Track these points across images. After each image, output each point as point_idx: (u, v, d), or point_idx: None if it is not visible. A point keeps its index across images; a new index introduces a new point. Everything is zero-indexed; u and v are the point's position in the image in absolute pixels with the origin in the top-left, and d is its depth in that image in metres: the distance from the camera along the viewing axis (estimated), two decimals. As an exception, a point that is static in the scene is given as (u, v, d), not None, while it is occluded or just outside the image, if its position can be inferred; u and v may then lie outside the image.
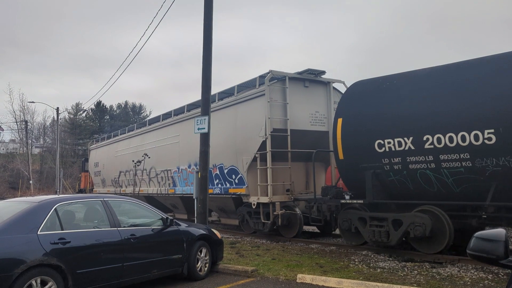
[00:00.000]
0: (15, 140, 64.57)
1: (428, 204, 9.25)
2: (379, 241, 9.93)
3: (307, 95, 13.31)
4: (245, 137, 13.22)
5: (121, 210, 7.35)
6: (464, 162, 8.43)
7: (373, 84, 10.74)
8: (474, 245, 2.48)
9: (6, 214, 6.08)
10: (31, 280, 5.57)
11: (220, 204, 14.79)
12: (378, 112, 9.95)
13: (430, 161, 8.89)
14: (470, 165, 8.34)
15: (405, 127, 9.28)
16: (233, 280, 7.97)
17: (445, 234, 8.94)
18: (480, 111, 8.19)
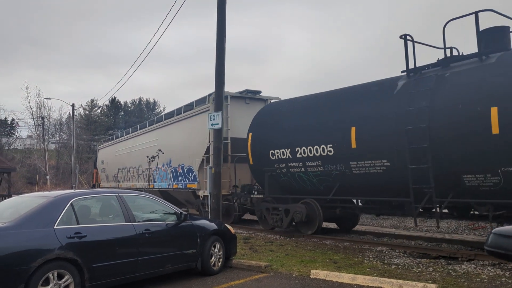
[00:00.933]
0: (32, 136, 65.49)
1: (309, 198, 12.58)
2: (276, 225, 13.16)
3: (248, 110, 16.12)
4: (197, 143, 16.62)
5: (135, 205, 7.41)
6: (319, 167, 11.83)
7: (276, 105, 14.72)
8: (492, 241, 2.44)
9: (23, 209, 6.18)
10: (48, 273, 5.65)
11: (185, 197, 18.09)
12: (272, 129, 13.44)
13: (301, 166, 12.35)
14: (323, 169, 11.75)
15: (285, 141, 12.74)
16: (246, 275, 7.98)
17: (316, 219, 12.31)
18: (325, 131, 11.65)
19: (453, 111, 8.95)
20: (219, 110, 11.31)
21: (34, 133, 63.00)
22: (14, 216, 6.01)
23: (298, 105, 13.16)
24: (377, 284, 6.90)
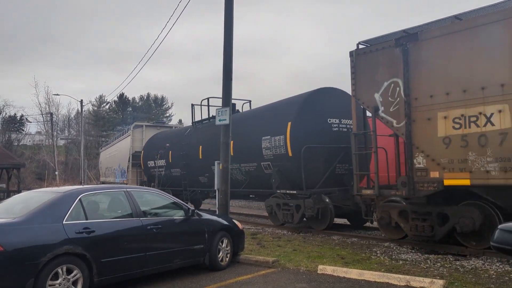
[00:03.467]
0: (41, 132, 65.98)
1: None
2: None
3: (169, 132, 23.34)
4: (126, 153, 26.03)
5: (143, 201, 7.45)
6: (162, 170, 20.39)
7: (157, 134, 23.67)
8: (498, 237, 2.43)
9: (33, 204, 6.24)
10: (57, 268, 5.71)
11: None
12: (151, 148, 21.76)
13: (162, 170, 20.47)
14: (164, 172, 20.38)
15: (154, 155, 20.86)
16: (254, 270, 8.01)
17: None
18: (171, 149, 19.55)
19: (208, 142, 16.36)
20: (227, 106, 11.31)
21: (43, 129, 63.49)
22: (23, 211, 6.07)
23: (163, 134, 22.41)
24: (384, 280, 6.89)
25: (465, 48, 8.51)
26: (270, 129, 13.08)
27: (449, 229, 9.11)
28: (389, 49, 9.78)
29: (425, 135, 9.03)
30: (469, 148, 8.33)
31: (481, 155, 8.18)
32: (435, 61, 8.96)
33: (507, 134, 7.84)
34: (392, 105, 9.70)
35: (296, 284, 6.97)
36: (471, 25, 8.48)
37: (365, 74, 10.34)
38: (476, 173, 8.24)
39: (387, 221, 10.15)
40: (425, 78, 9.08)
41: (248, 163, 14.07)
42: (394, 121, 9.69)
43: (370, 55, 10.24)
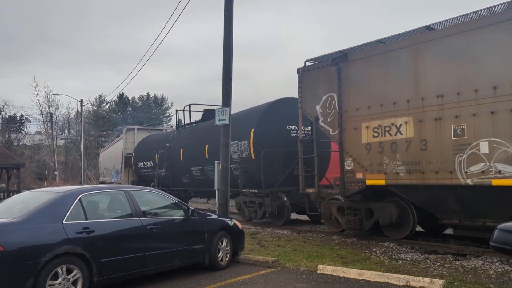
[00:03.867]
0: (41, 132, 65.98)
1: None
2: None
3: (156, 135, 24.56)
4: (119, 155, 27.47)
5: (143, 201, 7.45)
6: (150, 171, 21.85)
7: (148, 137, 24.80)
8: (497, 237, 2.42)
9: (32, 204, 6.23)
10: (57, 268, 5.71)
11: None
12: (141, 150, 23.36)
13: (149, 170, 22.30)
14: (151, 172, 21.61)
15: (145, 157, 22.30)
16: (254, 270, 8.01)
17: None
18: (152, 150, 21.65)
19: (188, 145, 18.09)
20: (227, 106, 11.31)
21: (43, 129, 63.48)
22: (23, 211, 6.06)
23: (151, 137, 23.75)
24: (384, 280, 6.90)
25: (381, 69, 9.97)
26: (237, 135, 14.10)
27: (374, 222, 10.64)
28: (327, 67, 11.15)
29: (352, 142, 10.51)
30: (384, 153, 9.83)
31: (393, 159, 9.67)
32: (360, 79, 10.41)
33: (411, 141, 9.33)
34: (329, 116, 11.11)
35: (296, 284, 6.97)
36: (385, 50, 9.97)
37: (309, 88, 11.71)
38: (389, 174, 9.72)
39: (329, 216, 11.70)
40: (352, 93, 10.55)
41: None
42: (330, 129, 11.09)
43: (313, 72, 11.62)
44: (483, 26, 8.32)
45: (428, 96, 9.06)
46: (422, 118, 9.15)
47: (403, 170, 9.45)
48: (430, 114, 9.02)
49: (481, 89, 8.27)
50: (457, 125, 8.64)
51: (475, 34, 8.40)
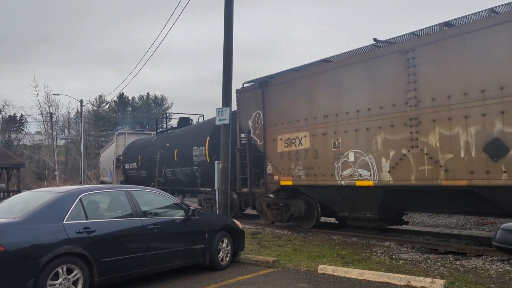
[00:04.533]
0: (40, 132, 65.93)
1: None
2: None
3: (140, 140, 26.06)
4: (111, 157, 30.71)
5: (144, 201, 7.44)
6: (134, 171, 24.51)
7: (135, 140, 26.70)
8: (500, 237, 2.41)
9: (33, 204, 6.22)
10: (58, 268, 5.70)
11: None
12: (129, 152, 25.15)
13: (135, 171, 24.17)
14: (136, 173, 24.35)
15: (131, 159, 24.04)
16: (254, 270, 8.01)
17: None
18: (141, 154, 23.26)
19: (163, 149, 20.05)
20: (227, 106, 11.31)
21: (42, 129, 63.45)
22: (23, 211, 6.06)
23: (138, 142, 25.38)
24: (384, 280, 6.89)
25: (290, 93, 12.30)
26: (197, 142, 16.86)
27: (290, 215, 13.02)
28: (255, 90, 13.55)
29: (271, 150, 12.98)
30: (291, 160, 12.27)
31: (297, 165, 12.08)
32: (276, 101, 12.82)
33: (308, 151, 11.74)
34: (257, 129, 13.52)
35: (297, 284, 6.96)
36: (293, 78, 12.28)
37: (243, 106, 14.14)
38: (295, 177, 12.17)
39: (261, 210, 13.99)
40: (272, 111, 12.99)
41: (186, 167, 17.92)
42: (258, 140, 13.47)
43: (246, 93, 14.04)
44: (348, 65, 10.86)
45: (318, 116, 11.43)
46: (314, 133, 11.57)
47: (303, 174, 11.90)
48: (320, 130, 11.42)
49: (349, 111, 10.64)
50: (336, 139, 11.07)
51: (345, 70, 10.86)
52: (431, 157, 9.11)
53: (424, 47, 9.28)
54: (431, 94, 9.08)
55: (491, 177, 8.17)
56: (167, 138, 20.27)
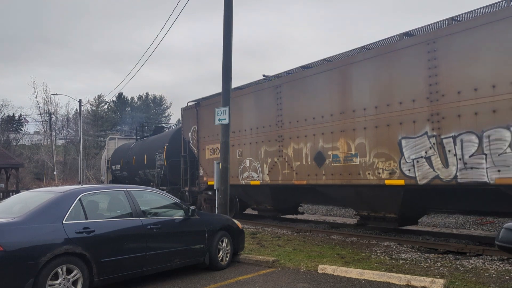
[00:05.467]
0: (39, 132, 65.74)
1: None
2: None
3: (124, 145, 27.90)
4: (104, 160, 31.92)
5: (143, 200, 7.42)
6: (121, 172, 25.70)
7: (121, 146, 28.16)
8: (503, 236, 2.40)
9: (32, 204, 6.21)
10: (57, 268, 5.69)
11: None
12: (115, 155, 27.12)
13: (120, 171, 25.38)
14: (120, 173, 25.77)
15: (117, 160, 25.74)
16: (254, 270, 7.99)
17: None
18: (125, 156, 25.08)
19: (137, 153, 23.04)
20: (227, 106, 11.28)
21: (41, 129, 63.27)
22: (23, 211, 6.04)
23: (123, 146, 27.16)
24: (385, 279, 6.88)
25: (212, 112, 12.92)
26: (158, 148, 19.91)
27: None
28: (193, 108, 17.05)
29: (202, 157, 16.43)
30: (214, 165, 13.15)
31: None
32: (205, 118, 16.12)
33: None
34: (194, 140, 16.93)
35: (297, 283, 6.95)
36: (213, 101, 15.25)
37: (186, 121, 17.65)
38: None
39: (200, 205, 16.38)
40: (202, 126, 16.42)
41: (152, 169, 20.65)
42: (195, 149, 16.91)
43: (187, 111, 17.58)
44: (245, 94, 14.13)
45: (230, 131, 13.17)
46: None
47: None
48: (231, 142, 13.08)
49: (246, 129, 14.03)
50: (239, 149, 14.40)
51: (244, 97, 14.15)
52: (289, 164, 12.51)
53: (286, 84, 12.61)
54: (289, 119, 12.42)
55: (318, 178, 11.60)
56: (141, 144, 23.43)
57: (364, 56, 10.53)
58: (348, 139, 10.72)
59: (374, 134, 10.15)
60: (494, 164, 8.05)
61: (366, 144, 10.32)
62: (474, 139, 8.35)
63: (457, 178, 8.62)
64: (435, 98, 8.95)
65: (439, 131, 8.90)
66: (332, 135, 11.12)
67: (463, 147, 8.55)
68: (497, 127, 8.01)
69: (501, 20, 8.02)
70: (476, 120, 8.32)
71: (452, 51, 8.73)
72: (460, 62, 8.60)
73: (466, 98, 8.45)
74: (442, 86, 8.84)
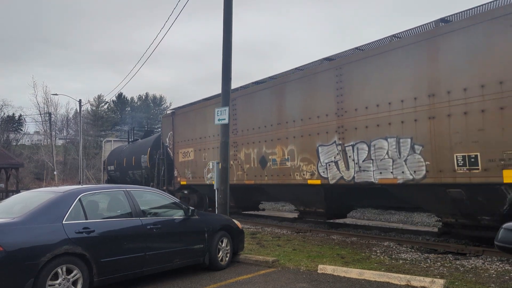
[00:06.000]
0: (39, 132, 65.71)
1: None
2: None
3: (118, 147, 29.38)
4: (102, 160, 33.46)
5: (143, 200, 7.43)
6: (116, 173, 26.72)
7: (116, 148, 29.31)
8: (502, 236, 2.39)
9: (32, 204, 6.21)
10: (57, 268, 5.69)
11: None
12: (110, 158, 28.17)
13: (115, 172, 26.55)
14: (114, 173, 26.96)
15: (112, 162, 26.96)
16: (254, 270, 8.00)
17: None
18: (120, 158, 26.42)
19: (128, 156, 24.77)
20: (226, 106, 11.29)
21: (41, 129, 63.25)
22: (23, 211, 6.04)
23: (117, 149, 28.40)
24: (384, 279, 6.88)
25: (184, 121, 17.94)
26: (143, 151, 22.18)
27: (191, 205, 15.91)
28: (170, 116, 19.22)
29: (176, 160, 18.46)
30: (185, 167, 17.73)
31: (188, 170, 17.52)
32: (179, 125, 18.35)
33: (193, 161, 17.18)
34: (170, 145, 18.97)
35: (296, 283, 6.95)
36: (185, 111, 18.07)
37: (164, 127, 19.78)
38: (187, 179, 17.60)
39: None
40: (177, 132, 18.48)
41: (139, 170, 22.77)
42: (171, 152, 18.89)
43: (166, 118, 19.90)
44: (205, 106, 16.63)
45: (196, 137, 16.94)
46: (195, 149, 17.02)
47: (191, 176, 17.31)
48: (198, 147, 16.82)
49: (210, 136, 16.04)
50: (204, 153, 16.49)
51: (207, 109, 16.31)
52: (242, 166, 14.54)
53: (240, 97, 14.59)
54: (242, 128, 14.49)
55: (262, 179, 13.69)
56: (132, 147, 25.56)
57: (294, 76, 12.53)
58: (283, 146, 12.83)
59: (301, 142, 12.19)
60: (378, 167, 10.04)
61: (295, 150, 12.37)
62: (365, 147, 10.33)
63: (354, 178, 10.60)
64: (341, 114, 10.92)
65: (343, 140, 10.91)
66: (272, 142, 13.26)
67: (358, 154, 10.53)
68: (380, 138, 9.98)
69: (382, 53, 10.01)
70: (366, 132, 10.31)
71: (351, 77, 10.69)
72: (357, 85, 10.52)
73: (360, 114, 10.46)
74: (345, 104, 10.81)
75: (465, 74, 8.39)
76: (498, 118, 7.90)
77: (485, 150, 8.07)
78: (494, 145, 7.97)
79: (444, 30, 8.85)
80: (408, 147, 9.38)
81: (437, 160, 8.82)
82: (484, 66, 8.12)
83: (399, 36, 10.12)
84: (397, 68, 9.58)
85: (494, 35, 8.01)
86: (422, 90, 9.08)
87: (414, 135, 9.27)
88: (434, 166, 8.88)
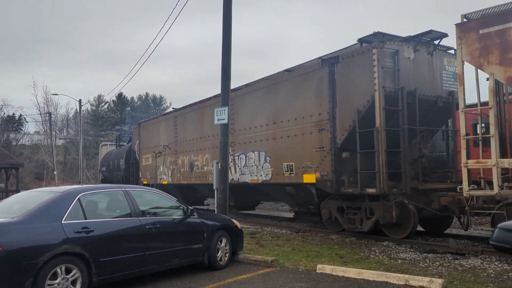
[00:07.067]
0: (39, 132, 65.72)
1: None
2: None
3: (110, 151, 33.67)
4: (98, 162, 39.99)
5: (142, 200, 7.43)
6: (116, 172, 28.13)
7: (107, 153, 33.42)
8: (498, 235, 2.41)
9: (31, 204, 6.22)
10: (56, 267, 5.71)
11: None
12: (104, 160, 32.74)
13: (107, 172, 30.34)
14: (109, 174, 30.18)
15: (106, 163, 30.46)
16: (253, 269, 8.01)
17: None
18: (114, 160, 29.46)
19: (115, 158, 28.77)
20: (226, 105, 11.30)
21: (41, 129, 63.25)
22: (22, 211, 6.05)
23: (110, 152, 31.35)
24: (383, 279, 6.89)
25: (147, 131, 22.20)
26: (122, 156, 25.73)
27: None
28: (137, 127, 23.41)
29: (142, 164, 22.52)
30: (146, 170, 21.92)
31: (148, 172, 21.60)
32: (143, 135, 22.58)
33: (151, 165, 21.06)
34: (138, 151, 23.09)
35: (295, 283, 6.97)
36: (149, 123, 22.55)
37: (134, 136, 23.95)
38: (147, 179, 21.71)
39: None
40: (142, 141, 22.61)
41: (120, 171, 26.00)
42: (138, 157, 22.87)
43: (134, 129, 24.11)
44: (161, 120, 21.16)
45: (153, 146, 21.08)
46: (152, 155, 21.00)
47: (149, 177, 21.36)
48: (154, 153, 20.74)
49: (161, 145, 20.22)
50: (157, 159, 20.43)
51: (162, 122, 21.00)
52: (179, 170, 18.52)
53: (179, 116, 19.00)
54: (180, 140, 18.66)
55: (190, 180, 17.79)
56: (117, 151, 28.77)
57: (191, 108, 17.93)
58: (203, 155, 16.81)
59: (212, 152, 15.78)
60: (250, 172, 14.10)
61: (209, 158, 16.15)
62: (244, 157, 14.41)
63: (238, 180, 14.60)
64: (232, 133, 14.00)
65: (234, 151, 14.68)
66: (197, 152, 17.24)
67: (240, 162, 14.57)
68: (250, 151, 14.11)
69: (254, 91, 14.40)
70: (245, 147, 14.37)
71: (238, 106, 14.69)
72: (240, 112, 14.59)
73: (241, 134, 14.48)
74: (235, 126, 14.58)
75: (287, 110, 12.60)
76: (300, 140, 12.13)
77: (296, 161, 12.26)
78: (299, 158, 12.13)
79: (280, 79, 13.22)
80: (263, 158, 13.54)
81: (276, 167, 13.00)
82: (293, 106, 12.39)
83: (267, 78, 14.10)
84: (260, 102, 13.77)
85: (303, 85, 12.16)
86: (269, 119, 13.33)
87: (266, 149, 13.44)
88: (275, 171, 13.09)
